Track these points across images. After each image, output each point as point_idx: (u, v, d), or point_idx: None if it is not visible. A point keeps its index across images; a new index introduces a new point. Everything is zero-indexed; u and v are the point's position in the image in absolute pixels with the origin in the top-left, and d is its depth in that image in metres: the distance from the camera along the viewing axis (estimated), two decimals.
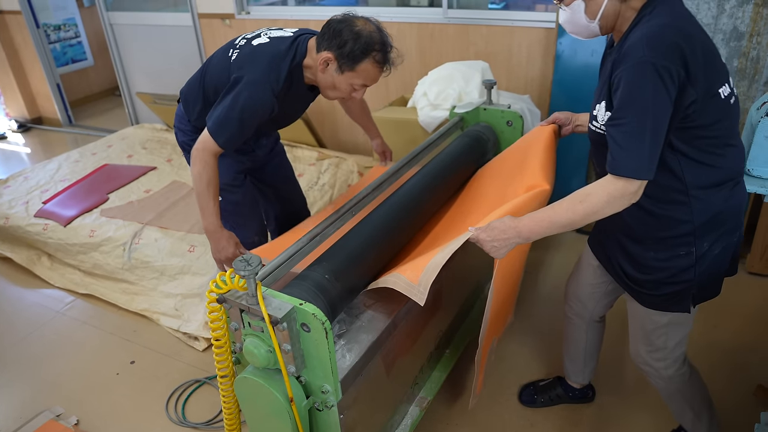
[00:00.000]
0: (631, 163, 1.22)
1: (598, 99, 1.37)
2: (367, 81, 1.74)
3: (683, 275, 1.44)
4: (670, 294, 1.48)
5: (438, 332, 1.95)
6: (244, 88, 1.70)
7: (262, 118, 1.76)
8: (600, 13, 1.31)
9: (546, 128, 1.89)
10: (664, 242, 1.42)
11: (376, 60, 1.70)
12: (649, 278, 1.49)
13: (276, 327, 1.22)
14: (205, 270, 2.72)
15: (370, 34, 1.67)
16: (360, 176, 3.42)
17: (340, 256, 1.56)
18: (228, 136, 1.72)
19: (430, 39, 3.44)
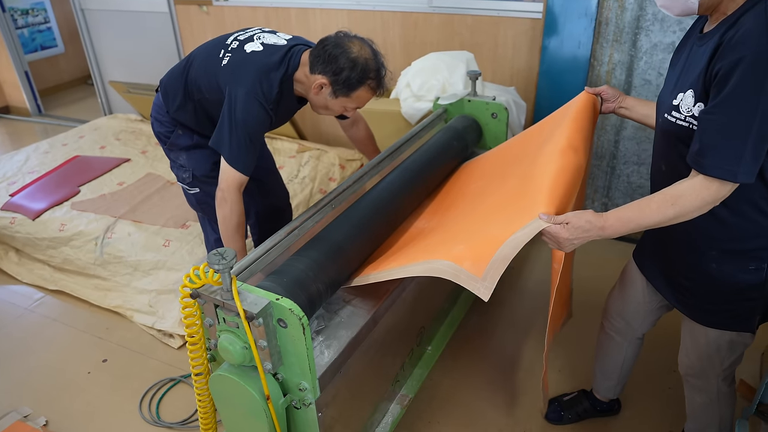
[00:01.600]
0: (729, 164, 1.14)
1: (682, 87, 1.29)
2: (360, 104, 1.80)
3: (750, 293, 1.37)
4: (732, 312, 1.42)
5: (420, 328, 1.96)
6: (239, 103, 1.72)
7: (265, 131, 1.81)
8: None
9: (587, 95, 1.72)
10: (732, 255, 1.35)
11: (371, 87, 1.75)
12: (709, 294, 1.43)
13: (251, 323, 1.21)
14: (181, 265, 2.70)
15: (366, 61, 1.70)
16: (341, 169, 3.42)
17: (320, 250, 1.56)
18: (245, 160, 1.75)
19: (414, 28, 3.44)
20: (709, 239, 1.36)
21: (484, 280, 1.31)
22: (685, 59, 1.34)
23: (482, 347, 2.42)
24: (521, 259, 3.00)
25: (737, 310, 1.42)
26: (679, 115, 1.29)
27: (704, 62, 1.21)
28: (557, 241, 1.30)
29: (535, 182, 1.46)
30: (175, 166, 2.14)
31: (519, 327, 2.54)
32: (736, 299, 1.40)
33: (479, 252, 1.36)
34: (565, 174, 1.45)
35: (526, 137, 1.94)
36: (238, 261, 1.73)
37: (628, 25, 2.77)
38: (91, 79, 5.30)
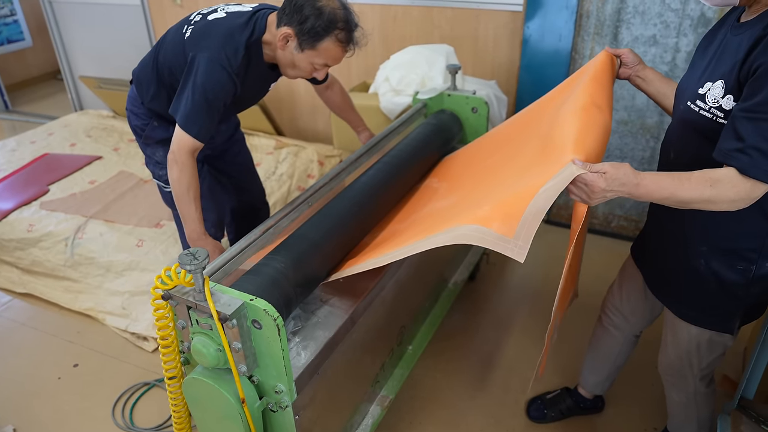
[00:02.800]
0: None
1: (712, 77, 1.25)
2: (329, 61, 1.72)
3: (733, 293, 1.39)
4: (714, 311, 1.44)
5: (400, 327, 1.96)
6: (201, 67, 1.67)
7: (227, 98, 1.74)
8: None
9: (607, 54, 1.61)
10: (722, 252, 1.36)
11: (339, 39, 1.67)
12: (694, 290, 1.45)
13: (225, 324, 1.21)
14: (155, 265, 2.68)
15: (334, 10, 1.65)
16: (320, 165, 3.41)
17: (296, 249, 1.55)
18: (200, 124, 1.70)
19: (393, 21, 3.44)
20: (703, 234, 1.36)
21: (516, 240, 1.21)
22: (717, 47, 1.29)
23: (464, 346, 2.43)
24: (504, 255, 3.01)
25: (719, 309, 1.43)
26: (703, 105, 1.26)
27: (741, 54, 1.17)
28: (590, 192, 1.19)
29: (560, 137, 1.35)
30: (151, 162, 2.11)
31: (502, 325, 2.55)
32: (719, 298, 1.41)
33: (508, 210, 1.26)
34: (593, 129, 1.35)
35: (541, 105, 1.82)
36: (193, 228, 1.77)
37: (609, 17, 2.80)
38: (60, 74, 5.22)
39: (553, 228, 3.30)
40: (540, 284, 2.83)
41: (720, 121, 1.22)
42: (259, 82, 1.93)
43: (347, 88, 3.57)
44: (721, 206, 1.18)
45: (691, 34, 2.65)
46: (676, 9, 2.63)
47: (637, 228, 3.14)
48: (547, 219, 3.34)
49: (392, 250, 1.50)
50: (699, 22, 2.62)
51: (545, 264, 2.98)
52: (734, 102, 1.19)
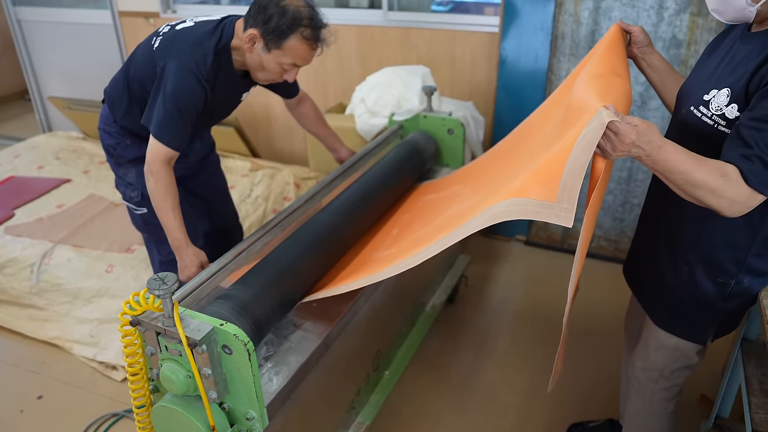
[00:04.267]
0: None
1: (718, 84, 1.28)
2: (297, 60, 1.75)
3: (709, 304, 1.43)
4: (689, 320, 1.48)
5: (376, 352, 1.99)
6: (170, 75, 1.71)
7: (198, 104, 1.77)
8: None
9: (619, 28, 1.59)
10: (706, 262, 1.40)
11: (305, 36, 1.70)
12: (672, 297, 1.48)
13: (195, 350, 1.22)
14: (125, 292, 2.67)
15: (298, 8, 1.68)
16: (296, 188, 3.44)
17: (268, 272, 1.58)
18: (173, 133, 1.73)
19: (371, 42, 3.51)
20: (691, 241, 1.40)
21: (561, 203, 1.15)
22: (725, 55, 1.33)
23: (443, 370, 2.46)
24: (483, 278, 3.06)
25: (695, 319, 1.47)
26: (706, 112, 1.28)
27: (753, 65, 1.20)
28: (618, 143, 1.14)
29: (581, 100, 1.28)
30: (123, 183, 2.12)
31: (481, 348, 2.59)
32: (696, 308, 1.45)
33: (544, 175, 1.19)
34: (615, 92, 1.30)
35: (558, 94, 1.75)
36: (175, 237, 1.79)
37: (584, 39, 2.89)
38: (28, 94, 5.21)
39: (533, 249, 3.36)
40: (519, 306, 2.87)
41: (721, 129, 1.25)
42: (231, 91, 1.95)
43: (323, 109, 3.63)
44: (721, 203, 1.17)
45: (664, 55, 2.75)
46: (648, 31, 2.73)
47: (617, 248, 3.21)
48: (526, 240, 3.40)
49: (413, 254, 1.43)
50: (671, 44, 2.72)
51: (524, 286, 3.03)
52: (738, 111, 1.22)
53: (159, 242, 2.17)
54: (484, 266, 3.15)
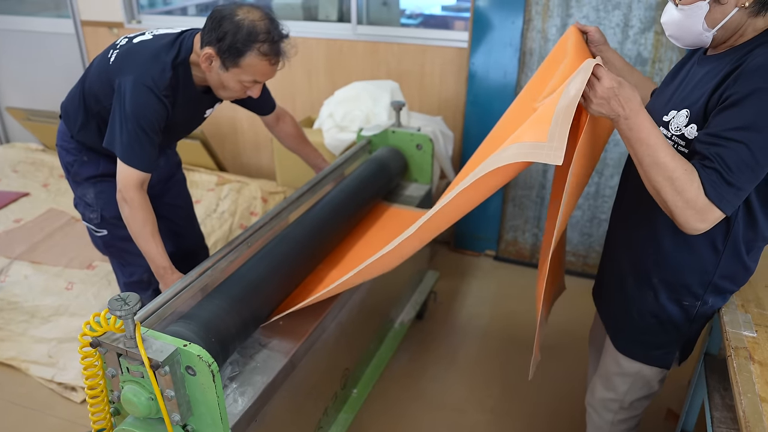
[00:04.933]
0: (726, 193, 1.16)
1: (677, 105, 1.32)
2: (257, 76, 1.71)
3: (675, 327, 1.46)
4: (652, 345, 1.50)
5: (344, 370, 2.00)
6: (127, 93, 1.67)
7: (160, 122, 1.73)
8: (722, 24, 1.22)
9: (576, 30, 1.62)
10: (671, 287, 1.42)
11: (262, 52, 1.65)
12: (637, 322, 1.50)
13: (157, 371, 1.22)
14: (86, 310, 2.63)
15: (253, 23, 1.63)
16: (264, 202, 3.44)
17: (233, 291, 1.58)
18: (141, 154, 1.68)
19: (339, 56, 3.54)
20: (655, 265, 1.42)
21: (551, 142, 1.17)
22: (683, 78, 1.38)
23: (412, 387, 2.47)
24: (452, 293, 3.09)
25: (659, 343, 1.49)
26: (666, 132, 1.31)
27: (710, 86, 1.24)
28: (600, 86, 1.17)
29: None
30: (81, 204, 2.05)
31: (451, 364, 2.61)
32: (661, 332, 1.48)
33: (537, 122, 1.24)
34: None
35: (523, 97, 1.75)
36: (158, 265, 1.75)
37: None
38: None
39: (502, 264, 3.40)
40: (489, 322, 2.91)
41: (681, 149, 1.28)
42: (192, 107, 1.90)
43: None
44: (676, 203, 1.18)
45: None
46: (614, 47, 2.81)
47: (585, 263, 3.27)
48: (495, 255, 3.45)
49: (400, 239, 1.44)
50: (636, 61, 2.80)
51: (494, 301, 3.07)
52: (697, 131, 1.25)
53: (122, 264, 2.13)
54: (453, 282, 3.19)
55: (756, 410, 1.17)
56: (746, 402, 1.19)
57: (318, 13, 3.73)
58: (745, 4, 1.18)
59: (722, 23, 1.22)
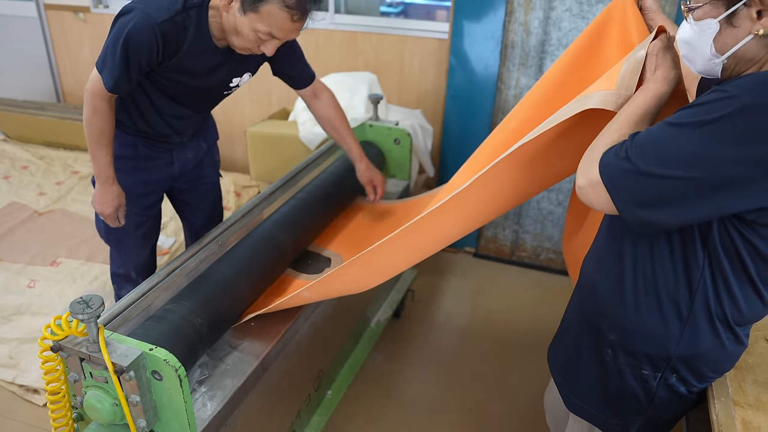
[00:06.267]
0: (615, 161, 1.08)
1: None
2: (273, 29, 1.60)
3: (634, 397, 1.29)
4: (610, 412, 1.35)
5: (318, 372, 2.00)
6: (128, 14, 1.61)
7: (144, 56, 1.63)
8: (732, 51, 1.05)
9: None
10: (629, 352, 1.27)
11: (287, 4, 1.55)
12: (593, 383, 1.36)
13: (122, 376, 1.21)
14: (49, 309, 2.60)
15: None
16: (237, 197, 3.42)
17: (202, 291, 1.57)
18: (109, 70, 1.64)
19: (316, 46, 3.53)
20: (612, 321, 1.28)
21: (620, 89, 1.18)
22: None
23: (388, 388, 2.49)
24: (430, 291, 3.11)
25: (618, 413, 1.34)
26: None
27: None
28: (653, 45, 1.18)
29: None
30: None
31: (428, 364, 2.63)
32: (619, 400, 1.32)
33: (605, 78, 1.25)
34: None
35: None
36: (101, 170, 1.77)
37: (534, 49, 2.98)
38: None
39: (481, 262, 3.43)
40: (467, 320, 2.93)
41: None
42: (206, 65, 1.77)
43: (266, 114, 3.62)
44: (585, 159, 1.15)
45: None
46: None
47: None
48: (475, 252, 3.47)
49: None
50: None
51: (472, 299, 3.09)
52: None
53: (116, 254, 2.11)
54: (432, 279, 3.20)
55: None
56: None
57: None
58: (759, 32, 1.00)
59: (733, 50, 1.05)
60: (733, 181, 0.99)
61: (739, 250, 1.08)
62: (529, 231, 3.33)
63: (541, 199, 3.23)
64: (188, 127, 1.99)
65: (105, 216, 1.86)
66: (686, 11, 1.10)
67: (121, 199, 1.85)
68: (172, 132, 1.94)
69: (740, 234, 1.07)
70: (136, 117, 1.87)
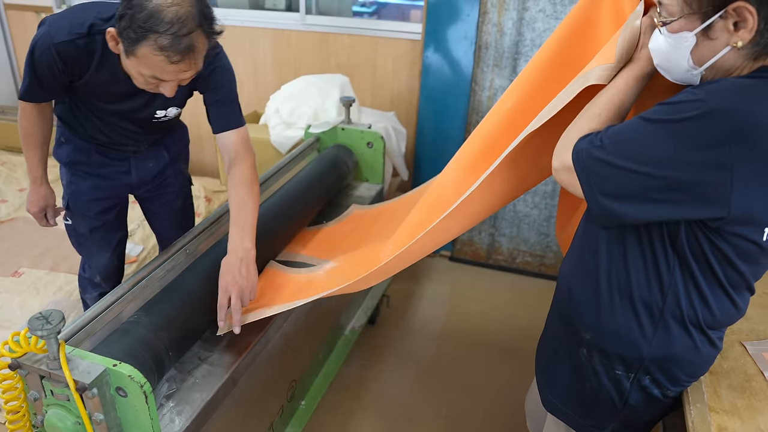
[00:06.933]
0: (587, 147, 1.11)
1: None
2: (156, 72, 1.46)
3: (608, 398, 1.30)
4: (585, 412, 1.37)
5: (291, 382, 1.98)
6: (39, 30, 1.58)
7: (49, 74, 1.58)
8: (710, 63, 1.05)
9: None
10: (603, 352, 1.28)
11: (159, 45, 1.38)
12: (562, 379, 1.39)
13: (84, 394, 1.18)
14: (10, 322, 2.53)
15: (160, 7, 1.37)
16: (207, 202, 3.38)
17: (170, 302, 1.55)
18: (24, 80, 1.67)
19: (287, 47, 3.51)
20: (587, 321, 1.29)
21: (619, 62, 1.21)
22: None
23: (364, 396, 2.47)
24: (406, 296, 3.10)
25: (593, 413, 1.36)
26: None
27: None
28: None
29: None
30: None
31: (404, 372, 2.62)
32: (594, 401, 1.34)
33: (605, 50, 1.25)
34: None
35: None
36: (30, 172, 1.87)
37: (508, 50, 3.00)
38: None
39: (457, 265, 3.43)
40: (444, 325, 2.93)
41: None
42: (121, 92, 1.67)
43: None
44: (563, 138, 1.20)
45: None
46: None
47: (542, 264, 3.33)
48: (450, 256, 3.48)
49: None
50: None
51: (449, 303, 3.10)
52: None
53: (83, 257, 2.10)
54: (407, 284, 3.20)
55: None
56: None
57: (265, 1, 3.68)
58: (737, 44, 1.00)
59: (711, 62, 1.05)
60: (693, 184, 1.01)
61: (707, 254, 1.10)
62: (505, 234, 3.34)
63: (517, 201, 3.24)
64: (143, 139, 1.92)
65: (32, 215, 1.97)
66: (660, 24, 1.08)
67: (48, 200, 1.94)
68: (128, 142, 1.89)
69: (708, 239, 1.08)
70: (85, 125, 1.84)
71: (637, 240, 1.16)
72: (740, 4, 0.96)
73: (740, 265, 1.11)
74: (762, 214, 1.04)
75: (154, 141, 1.98)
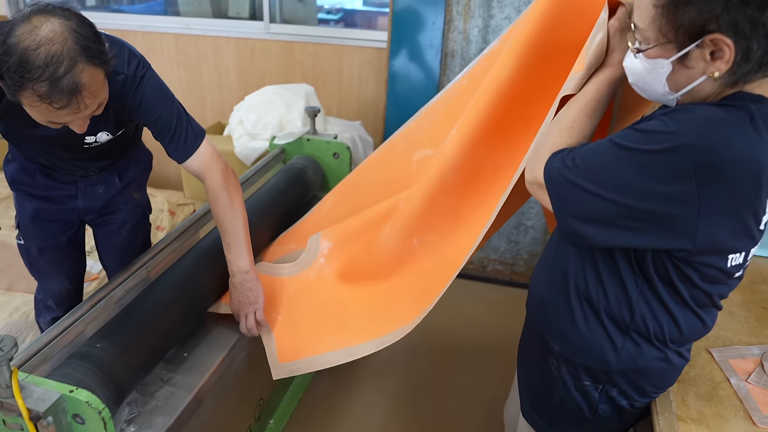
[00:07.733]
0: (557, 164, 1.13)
1: None
2: (50, 118, 1.33)
3: (578, 409, 1.32)
4: (557, 421, 1.39)
5: (258, 401, 1.96)
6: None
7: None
8: (687, 90, 1.05)
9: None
10: (570, 361, 1.29)
11: (39, 94, 1.23)
12: (534, 386, 1.42)
13: (39, 423, 1.16)
14: None
15: (27, 51, 1.20)
16: (171, 216, 3.34)
17: (130, 323, 1.52)
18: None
19: (251, 57, 3.49)
20: (555, 334, 1.31)
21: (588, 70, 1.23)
22: None
23: (335, 412, 2.46)
24: None
25: (564, 423, 1.38)
26: None
27: None
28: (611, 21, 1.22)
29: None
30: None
31: (376, 385, 2.61)
32: (565, 412, 1.35)
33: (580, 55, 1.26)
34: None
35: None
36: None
37: (474, 57, 3.02)
38: None
39: None
40: (415, 335, 2.91)
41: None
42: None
43: None
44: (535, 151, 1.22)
45: None
46: None
47: (513, 272, 3.35)
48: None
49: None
50: None
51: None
52: None
53: (36, 279, 2.06)
54: None
55: None
56: None
57: (228, 9, 3.67)
58: (714, 74, 1.00)
59: (687, 89, 1.05)
60: (659, 215, 1.02)
61: (672, 277, 1.11)
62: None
63: None
64: (87, 165, 1.82)
65: None
66: (635, 51, 1.08)
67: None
68: (70, 166, 1.80)
69: (673, 264, 1.09)
70: (23, 148, 1.76)
71: (607, 258, 1.18)
72: (717, 37, 0.95)
73: (706, 287, 1.13)
74: (727, 243, 1.05)
75: (105, 166, 1.88)
